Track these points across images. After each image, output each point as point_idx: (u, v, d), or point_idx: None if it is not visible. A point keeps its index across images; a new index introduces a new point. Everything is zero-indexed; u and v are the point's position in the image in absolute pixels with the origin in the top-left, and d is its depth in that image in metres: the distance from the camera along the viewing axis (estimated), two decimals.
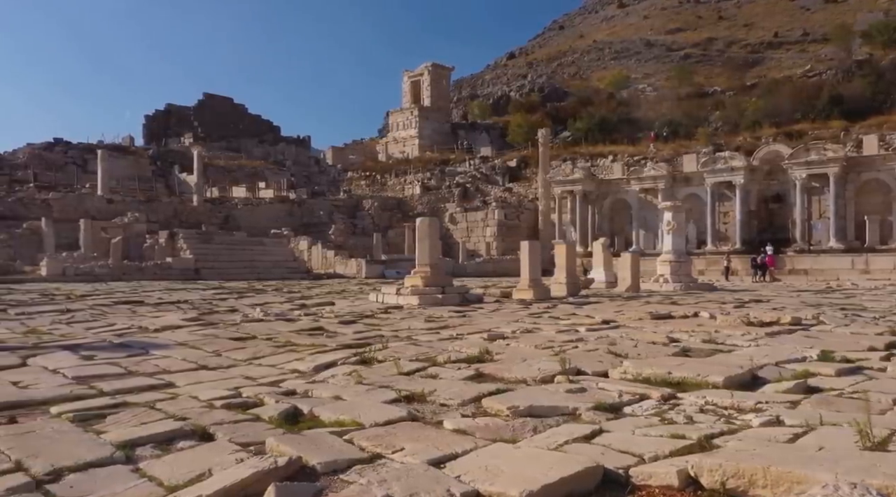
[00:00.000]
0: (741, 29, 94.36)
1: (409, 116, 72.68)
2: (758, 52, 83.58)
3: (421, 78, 75.15)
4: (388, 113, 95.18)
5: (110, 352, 6.73)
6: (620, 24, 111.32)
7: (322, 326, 8.97)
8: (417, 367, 5.25)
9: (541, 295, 13.88)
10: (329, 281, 23.41)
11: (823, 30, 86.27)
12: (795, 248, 28.97)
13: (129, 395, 4.78)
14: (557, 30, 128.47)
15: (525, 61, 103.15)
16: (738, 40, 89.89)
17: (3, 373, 5.72)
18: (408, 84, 76.62)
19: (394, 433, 3.31)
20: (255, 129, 77.33)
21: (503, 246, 37.29)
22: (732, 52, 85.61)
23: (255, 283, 20.23)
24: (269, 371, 5.71)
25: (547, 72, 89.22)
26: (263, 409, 4.11)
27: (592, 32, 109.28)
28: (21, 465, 3.06)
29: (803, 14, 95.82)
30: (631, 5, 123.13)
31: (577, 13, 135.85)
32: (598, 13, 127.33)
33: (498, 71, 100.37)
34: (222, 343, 7.41)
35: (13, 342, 7.65)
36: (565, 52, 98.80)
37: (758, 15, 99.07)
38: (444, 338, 7.42)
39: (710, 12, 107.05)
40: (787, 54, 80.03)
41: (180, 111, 76.58)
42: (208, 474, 2.88)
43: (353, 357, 6.02)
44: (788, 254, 28.26)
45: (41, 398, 4.65)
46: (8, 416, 4.06)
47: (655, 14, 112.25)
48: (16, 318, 10.15)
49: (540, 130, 39.51)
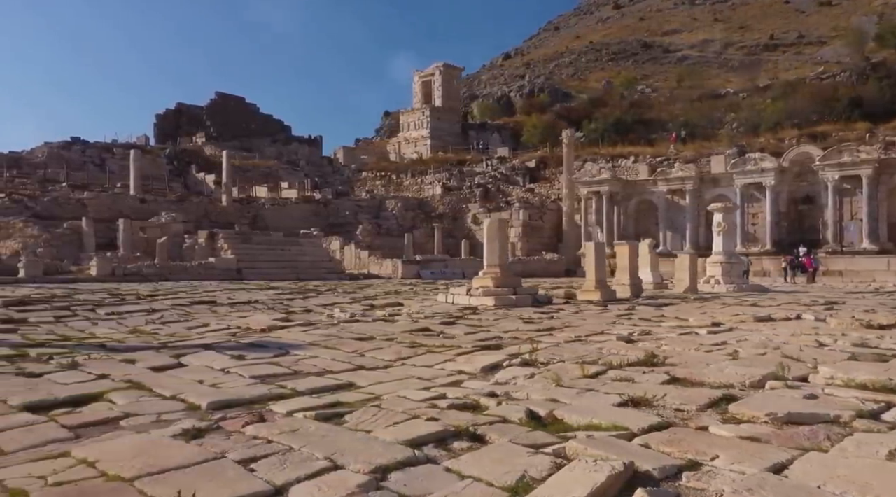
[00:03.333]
0: (737, 31, 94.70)
1: (420, 116, 72.62)
2: (754, 54, 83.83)
3: (432, 78, 75.08)
4: (385, 113, 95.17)
5: (254, 351, 6.75)
6: (616, 25, 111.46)
7: (427, 327, 8.98)
8: (598, 370, 5.25)
9: (607, 296, 13.89)
10: (368, 281, 23.40)
11: (819, 32, 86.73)
12: (827, 249, 29.00)
13: (328, 394, 4.80)
14: (553, 30, 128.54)
15: (522, 61, 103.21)
16: (734, 42, 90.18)
17: (172, 372, 5.74)
18: (418, 84, 76.55)
19: (677, 439, 3.30)
20: (266, 128, 77.30)
21: (528, 247, 37.31)
22: (729, 54, 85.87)
23: (304, 283, 20.24)
24: (433, 372, 5.71)
25: (545, 72, 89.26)
26: (496, 409, 4.11)
27: (588, 33, 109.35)
28: (336, 463, 3.08)
29: (798, 17, 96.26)
30: (626, 7, 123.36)
31: (572, 14, 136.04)
32: (593, 14, 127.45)
33: (495, 71, 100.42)
34: (350, 344, 7.42)
35: (136, 342, 7.66)
36: (562, 52, 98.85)
37: (753, 17, 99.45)
38: (571, 340, 7.43)
39: (706, 14, 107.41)
40: (784, 56, 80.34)
41: (190, 110, 76.53)
42: (531, 477, 2.86)
43: (509, 359, 6.03)
44: (821, 255, 28.28)
45: (248, 397, 4.67)
46: (257, 413, 4.08)
47: (651, 16, 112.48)
48: (108, 318, 10.16)
49: (564, 131, 39.53)
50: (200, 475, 2.95)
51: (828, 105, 48.23)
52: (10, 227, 22.64)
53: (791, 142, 38.93)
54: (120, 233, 23.04)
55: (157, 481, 2.88)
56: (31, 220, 23.34)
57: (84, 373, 5.61)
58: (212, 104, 72.87)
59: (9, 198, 24.46)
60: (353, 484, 2.80)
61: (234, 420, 4.03)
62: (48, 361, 6.20)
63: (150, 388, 4.97)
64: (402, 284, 21.80)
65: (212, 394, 4.76)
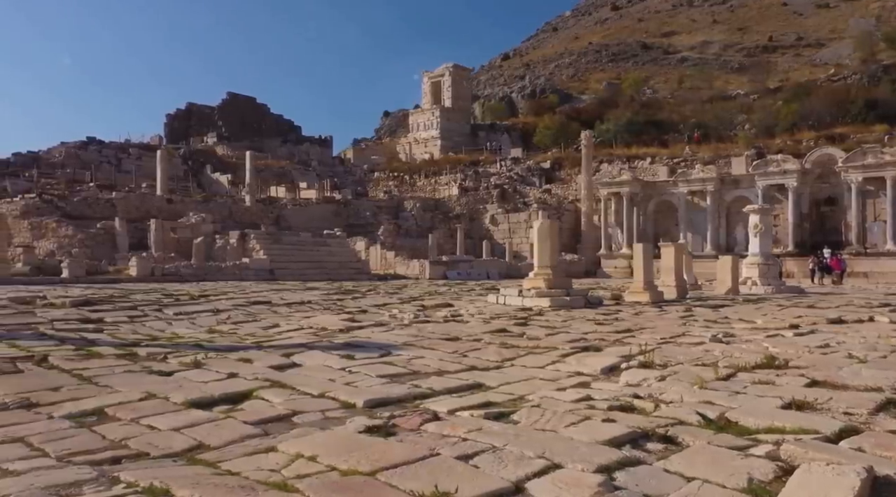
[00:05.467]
0: (736, 33, 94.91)
1: (430, 117, 72.71)
2: (754, 56, 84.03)
3: (441, 78, 75.16)
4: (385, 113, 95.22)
5: (358, 351, 6.85)
6: (614, 26, 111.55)
7: (503, 328, 9.09)
8: (727, 372, 5.32)
9: (656, 297, 14.00)
10: (398, 282, 23.51)
11: (817, 34, 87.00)
12: (850, 250, 29.10)
13: (467, 394, 4.89)
14: (551, 31, 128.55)
15: (521, 62, 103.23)
16: (733, 44, 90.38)
17: (293, 371, 5.84)
18: (428, 85, 76.65)
19: (885, 442, 3.28)
20: (276, 128, 77.46)
21: None
22: (729, 55, 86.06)
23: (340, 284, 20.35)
24: (549, 373, 5.78)
25: (545, 73, 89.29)
26: (662, 411, 4.16)
27: (587, 34, 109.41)
28: (553, 462, 3.14)
29: (796, 19, 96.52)
30: (624, 8, 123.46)
31: (570, 15, 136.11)
32: (591, 15, 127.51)
33: (493, 72, 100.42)
34: (443, 344, 7.52)
35: (227, 342, 7.75)
36: (561, 53, 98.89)
37: (752, 19, 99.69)
38: (661, 341, 7.52)
39: (704, 16, 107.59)
40: (784, 58, 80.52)
41: (201, 110, 76.68)
42: (759, 480, 2.82)
43: (623, 360, 6.11)
44: (844, 256, 28.37)
45: (395, 396, 4.78)
46: (427, 412, 4.19)
47: (650, 17, 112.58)
48: (179, 318, 10.26)
49: (583, 133, 39.66)
50: (434, 470, 3.05)
51: (842, 107, 48.37)
52: (43, 227, 22.80)
53: (808, 144, 39.04)
54: (151, 233, 23.16)
55: (401, 476, 2.97)
56: (63, 220, 23.49)
57: (212, 372, 5.72)
58: (223, 104, 73.05)
59: (39, 198, 24.61)
60: (593, 482, 2.87)
61: (404, 418, 4.13)
62: (164, 360, 6.31)
63: (293, 387, 5.08)
64: (434, 285, 21.90)
65: (359, 392, 4.86)
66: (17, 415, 4.17)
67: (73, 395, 4.68)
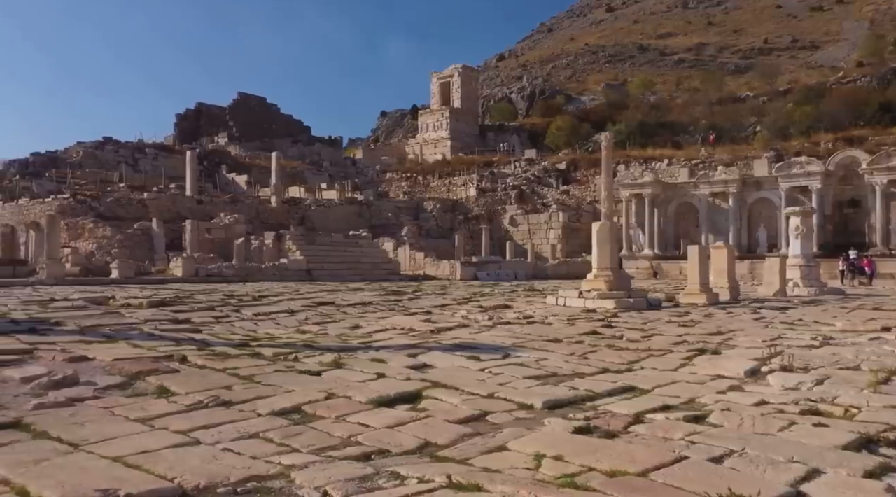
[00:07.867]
0: (731, 35, 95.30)
1: (439, 118, 72.70)
2: (749, 58, 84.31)
3: (451, 79, 75.16)
4: (382, 113, 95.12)
5: (478, 352, 6.92)
6: (610, 27, 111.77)
7: (594, 330, 9.18)
8: (884, 377, 5.38)
9: (712, 299, 14.10)
10: (432, 282, 23.60)
11: (812, 37, 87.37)
12: (875, 252, 29.21)
13: (630, 396, 4.98)
14: (546, 32, 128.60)
15: (517, 63, 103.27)
16: (729, 46, 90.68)
17: (432, 371, 5.89)
18: (436, 86, 76.65)
19: None
20: (286, 129, 77.45)
21: (567, 248, 37.49)
22: (724, 57, 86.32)
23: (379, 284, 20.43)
24: (689, 375, 5.83)
25: (542, 74, 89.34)
26: (862, 416, 4.21)
27: (583, 35, 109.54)
28: (810, 466, 3.23)
29: (790, 21, 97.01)
30: (619, 9, 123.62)
31: (565, 16, 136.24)
32: (586, 17, 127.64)
33: (490, 72, 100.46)
34: (551, 346, 7.61)
35: (330, 342, 7.81)
36: (558, 54, 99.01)
37: (746, 21, 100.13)
38: (767, 344, 7.61)
39: (700, 18, 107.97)
40: (779, 60, 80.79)
41: (211, 111, 76.65)
42: None
43: (761, 363, 6.15)
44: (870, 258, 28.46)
45: (565, 397, 4.85)
46: (619, 416, 4.28)
47: (645, 19, 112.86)
48: (260, 319, 10.32)
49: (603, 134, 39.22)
50: (703, 472, 3.13)
51: (857, 110, 48.52)
52: (80, 228, 22.87)
53: (827, 146, 39.21)
54: (186, 233, 23.23)
55: (674, 477, 3.05)
56: (98, 220, 23.55)
57: (356, 372, 5.80)
58: (234, 104, 73.03)
59: (73, 198, 24.68)
60: (878, 488, 2.93)
61: (605, 419, 4.22)
62: (295, 360, 6.39)
63: (455, 387, 5.16)
64: (471, 286, 21.96)
65: (529, 394, 4.95)
66: (222, 413, 4.24)
67: (258, 394, 4.77)
